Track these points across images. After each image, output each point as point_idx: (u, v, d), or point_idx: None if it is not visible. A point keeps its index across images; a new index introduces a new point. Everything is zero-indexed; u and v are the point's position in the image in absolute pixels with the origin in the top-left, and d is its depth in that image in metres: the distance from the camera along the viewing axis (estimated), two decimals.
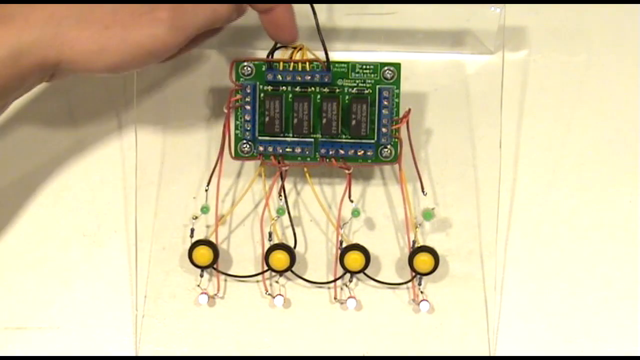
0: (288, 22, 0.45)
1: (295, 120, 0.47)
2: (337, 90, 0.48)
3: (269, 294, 0.51)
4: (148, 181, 0.51)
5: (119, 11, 0.41)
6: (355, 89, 0.48)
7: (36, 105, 0.52)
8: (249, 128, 0.48)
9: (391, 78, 0.47)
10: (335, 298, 0.51)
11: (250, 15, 0.45)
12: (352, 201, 0.49)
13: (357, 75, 0.48)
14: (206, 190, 0.50)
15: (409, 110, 0.47)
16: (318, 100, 0.48)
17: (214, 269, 0.50)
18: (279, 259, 0.49)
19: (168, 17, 0.41)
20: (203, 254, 0.49)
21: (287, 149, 0.48)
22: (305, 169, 0.49)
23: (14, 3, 0.41)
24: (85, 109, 0.52)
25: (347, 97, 0.48)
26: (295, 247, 0.50)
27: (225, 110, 0.48)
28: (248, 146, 0.48)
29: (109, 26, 0.41)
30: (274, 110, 0.47)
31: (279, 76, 0.47)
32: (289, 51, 0.48)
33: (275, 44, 0.47)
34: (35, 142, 0.52)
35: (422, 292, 0.50)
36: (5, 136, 0.52)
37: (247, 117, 0.48)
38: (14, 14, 0.41)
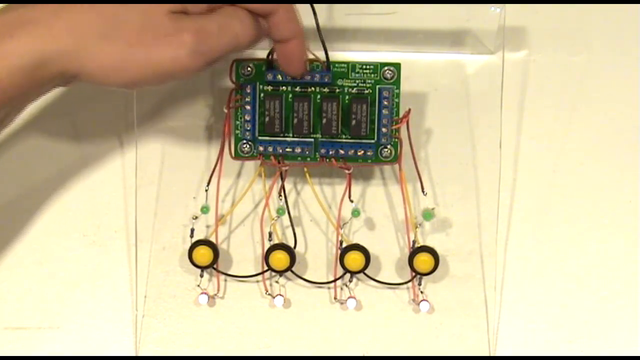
0: (298, 55, 0.45)
1: (295, 120, 0.47)
2: (337, 90, 0.48)
3: (269, 294, 0.51)
4: (148, 181, 0.51)
5: (145, 30, 0.41)
6: (355, 89, 0.48)
7: (37, 104, 0.52)
8: (249, 128, 0.48)
9: (391, 78, 0.47)
10: (335, 298, 0.51)
11: None
12: (352, 201, 0.49)
13: (357, 75, 0.48)
14: (206, 190, 0.50)
15: (409, 110, 0.47)
16: (318, 100, 0.48)
17: (214, 269, 0.50)
18: (279, 259, 0.49)
19: (192, 41, 0.41)
20: (203, 254, 0.49)
21: (287, 149, 0.48)
22: (305, 169, 0.49)
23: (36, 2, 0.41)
24: (86, 109, 0.52)
25: (347, 97, 0.48)
26: (295, 247, 0.50)
27: (225, 110, 0.48)
28: (248, 146, 0.48)
29: (132, 44, 0.41)
30: (274, 110, 0.47)
31: (279, 76, 0.47)
32: None
33: None
34: (36, 142, 0.52)
35: (422, 292, 0.50)
36: (6, 137, 0.52)
37: (247, 117, 0.48)
38: (38, 21, 0.40)
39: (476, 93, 0.51)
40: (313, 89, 0.48)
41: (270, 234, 0.50)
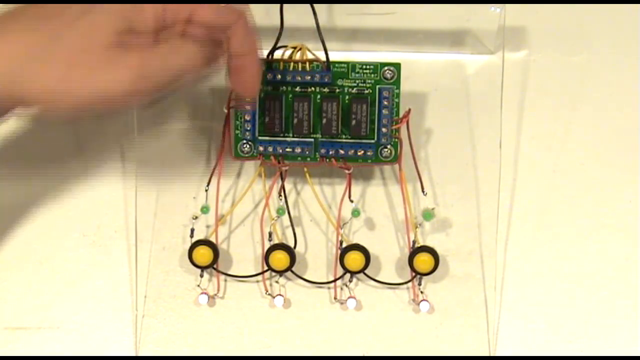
0: (251, 72, 0.44)
1: (295, 120, 0.47)
2: (337, 90, 0.48)
3: (269, 294, 0.51)
4: (148, 181, 0.51)
5: (89, 51, 0.39)
6: (355, 89, 0.48)
7: None
8: (249, 128, 0.48)
9: (391, 78, 0.47)
10: (335, 298, 0.51)
11: (255, 15, 0.45)
12: (352, 201, 0.49)
13: (357, 75, 0.48)
14: (206, 190, 0.50)
15: (409, 110, 0.47)
16: (318, 100, 0.48)
17: (214, 269, 0.50)
18: (279, 259, 0.49)
19: (138, 65, 0.40)
20: (203, 254, 0.49)
21: (287, 149, 0.48)
22: (305, 169, 0.49)
23: None
24: None
25: (347, 97, 0.48)
26: (295, 247, 0.50)
27: (225, 110, 0.48)
28: (248, 146, 0.48)
29: (73, 66, 0.39)
30: (274, 110, 0.47)
31: (279, 76, 0.47)
32: (289, 51, 0.48)
33: (276, 43, 0.47)
34: (35, 141, 0.52)
35: (422, 292, 0.50)
36: (5, 136, 0.52)
37: (247, 117, 0.48)
38: None
39: (476, 93, 0.51)
40: (313, 89, 0.48)
41: (270, 234, 0.50)
